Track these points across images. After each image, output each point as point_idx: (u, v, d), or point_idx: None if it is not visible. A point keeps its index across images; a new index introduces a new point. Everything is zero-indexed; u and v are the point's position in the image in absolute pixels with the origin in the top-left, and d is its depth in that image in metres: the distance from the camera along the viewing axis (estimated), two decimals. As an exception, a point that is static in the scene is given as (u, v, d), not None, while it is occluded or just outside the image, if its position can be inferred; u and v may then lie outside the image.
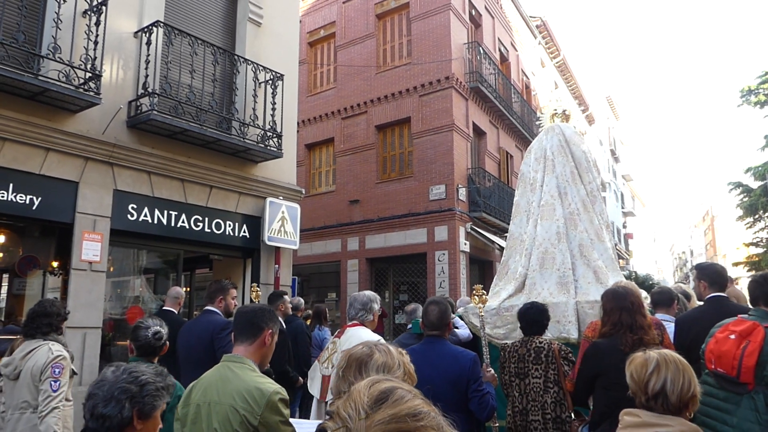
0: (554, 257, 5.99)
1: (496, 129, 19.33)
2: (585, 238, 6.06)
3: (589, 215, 6.22)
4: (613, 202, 38.10)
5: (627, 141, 55.59)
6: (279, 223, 9.38)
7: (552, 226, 6.14)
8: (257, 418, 2.44)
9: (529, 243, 6.27)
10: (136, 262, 9.98)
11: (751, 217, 31.68)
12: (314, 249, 17.57)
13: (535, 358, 4.35)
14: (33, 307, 4.11)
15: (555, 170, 6.41)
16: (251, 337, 2.73)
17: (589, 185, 6.39)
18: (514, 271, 6.39)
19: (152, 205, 7.92)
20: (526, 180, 6.75)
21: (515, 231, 6.73)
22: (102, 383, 1.98)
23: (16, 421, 3.81)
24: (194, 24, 8.90)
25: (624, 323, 3.57)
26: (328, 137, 18.36)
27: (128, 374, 1.99)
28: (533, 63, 25.07)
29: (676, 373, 2.07)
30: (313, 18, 19.33)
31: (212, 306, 5.03)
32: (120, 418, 1.91)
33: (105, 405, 1.92)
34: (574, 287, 5.79)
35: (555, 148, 6.51)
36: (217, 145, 8.46)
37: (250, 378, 2.56)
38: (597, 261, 5.93)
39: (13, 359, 3.92)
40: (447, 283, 15.22)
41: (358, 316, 4.15)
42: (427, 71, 16.40)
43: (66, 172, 7.03)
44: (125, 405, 1.92)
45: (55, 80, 6.50)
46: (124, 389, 1.94)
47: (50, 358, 3.83)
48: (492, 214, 17.03)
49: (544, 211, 6.27)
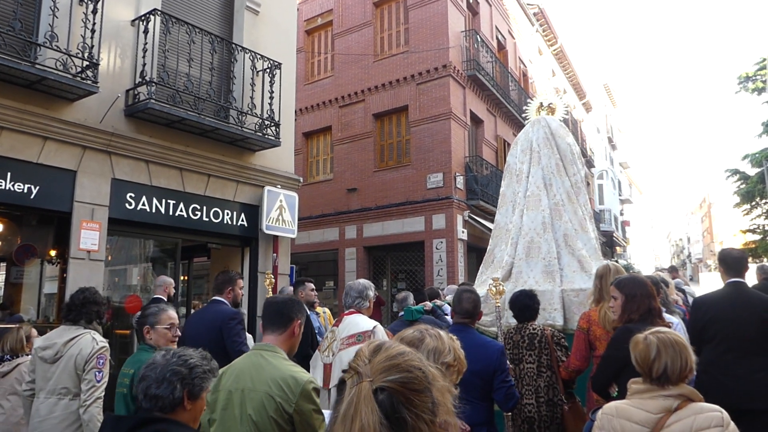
0: (540, 246, 6.15)
1: (494, 117, 19.31)
2: (569, 228, 6.23)
3: (573, 206, 6.38)
4: (610, 189, 38.14)
5: (624, 128, 55.59)
6: (277, 211, 9.39)
7: (538, 216, 6.30)
8: (292, 405, 2.48)
9: (515, 232, 6.42)
10: (134, 251, 10.01)
11: (747, 203, 31.76)
12: (312, 237, 17.59)
13: (529, 344, 4.44)
14: (77, 294, 4.10)
15: (541, 162, 6.55)
16: (281, 327, 2.78)
17: (573, 177, 6.55)
18: (500, 260, 6.52)
19: (150, 194, 7.92)
20: (512, 171, 6.90)
21: (501, 220, 6.88)
22: (154, 366, 2.07)
23: (52, 405, 3.84)
24: (192, 12, 8.86)
25: (654, 309, 3.52)
26: (326, 125, 18.34)
27: (178, 357, 2.09)
28: (531, 51, 25.00)
29: (674, 356, 2.36)
30: (310, 6, 19.24)
31: (220, 296, 5.07)
32: (172, 398, 2.01)
33: (158, 386, 2.01)
34: (559, 276, 5.95)
35: (541, 141, 6.66)
36: (215, 133, 8.46)
37: (284, 366, 2.60)
38: (581, 250, 6.08)
39: (53, 343, 3.92)
40: (445, 271, 15.27)
41: (355, 303, 4.19)
42: (424, 59, 16.36)
43: (64, 161, 7.03)
44: (177, 386, 2.02)
45: (53, 69, 6.48)
46: (175, 371, 2.04)
47: (95, 349, 3.88)
48: (489, 202, 17.04)
49: (530, 202, 6.42)
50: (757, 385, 3.86)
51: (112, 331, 9.00)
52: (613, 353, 3.52)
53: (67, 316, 4.09)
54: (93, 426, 3.73)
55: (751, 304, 4.12)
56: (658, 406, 2.35)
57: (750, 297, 4.20)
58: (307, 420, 2.49)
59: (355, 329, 3.95)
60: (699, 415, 2.30)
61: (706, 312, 4.17)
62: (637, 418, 2.37)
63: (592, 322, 4.19)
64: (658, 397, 2.37)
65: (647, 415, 2.35)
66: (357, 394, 1.21)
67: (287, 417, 2.48)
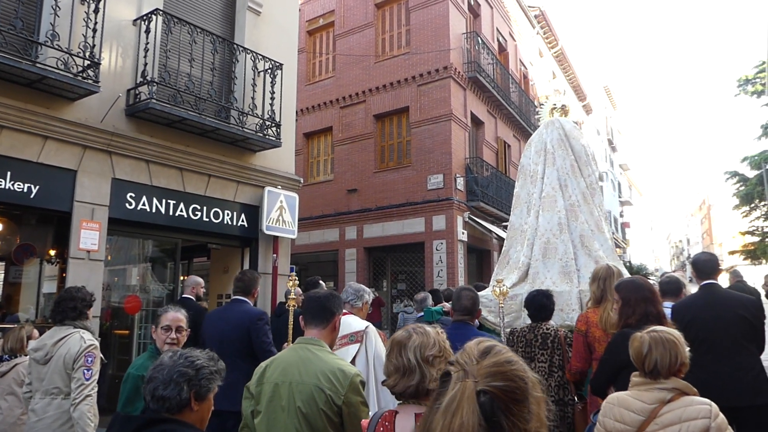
0: (556, 247, 6.17)
1: (494, 119, 19.31)
2: (586, 229, 6.25)
3: (589, 207, 6.41)
4: (610, 191, 38.16)
5: (624, 131, 55.62)
6: (277, 212, 9.37)
7: (554, 217, 6.31)
8: (341, 398, 2.53)
9: (531, 233, 6.43)
10: (134, 251, 9.98)
11: (747, 206, 31.82)
12: (312, 238, 17.58)
13: (542, 343, 4.50)
14: (59, 293, 4.18)
15: (555, 163, 6.57)
16: (324, 321, 2.85)
17: (588, 178, 6.58)
18: (516, 261, 6.55)
19: (150, 194, 7.90)
20: (527, 172, 6.90)
21: (516, 221, 6.89)
22: (161, 367, 2.09)
23: (46, 405, 3.88)
24: (193, 12, 8.85)
25: (651, 314, 3.55)
26: (327, 126, 18.33)
27: (185, 359, 2.11)
28: (531, 53, 25.01)
29: (663, 353, 2.61)
30: (312, 6, 19.24)
31: (245, 296, 5.10)
32: (179, 399, 2.03)
33: (165, 387, 2.03)
34: (576, 276, 5.98)
35: (555, 142, 6.67)
36: (215, 134, 8.44)
37: (331, 359, 2.66)
38: (598, 251, 6.11)
39: (44, 344, 3.97)
40: (445, 273, 15.26)
41: (349, 300, 4.25)
42: (425, 61, 16.35)
43: (64, 161, 7.01)
44: (183, 387, 2.04)
45: (54, 68, 6.46)
46: (182, 373, 2.06)
47: (83, 347, 3.91)
48: (490, 204, 17.05)
49: (546, 203, 6.43)
50: (739, 383, 3.97)
51: (111, 331, 8.98)
52: (610, 357, 3.63)
53: (53, 318, 4.17)
54: (83, 423, 3.76)
55: (726, 303, 4.28)
56: (653, 398, 2.59)
57: (724, 297, 4.38)
58: (355, 412, 2.54)
59: (347, 329, 3.98)
60: (689, 407, 2.52)
61: (685, 315, 4.24)
62: (634, 407, 2.62)
63: (590, 324, 4.22)
64: (653, 390, 2.61)
65: (643, 405, 2.60)
66: (461, 392, 1.29)
67: (336, 409, 2.53)
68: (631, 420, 2.60)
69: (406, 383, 2.18)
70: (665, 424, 2.53)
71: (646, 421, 2.57)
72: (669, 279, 5.56)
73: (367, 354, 3.92)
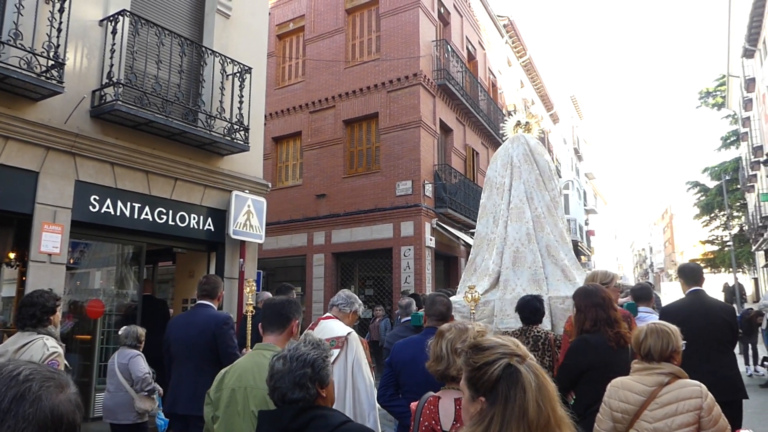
0: (525, 256, 6.46)
1: (463, 126, 19.49)
2: (551, 240, 6.59)
3: (554, 218, 6.75)
4: (575, 199, 38.74)
5: (590, 140, 56.53)
6: (244, 216, 9.31)
7: (522, 228, 6.61)
8: None
9: (500, 242, 6.70)
10: (98, 255, 9.81)
11: (707, 215, 32.63)
12: (280, 243, 17.50)
13: (533, 346, 4.66)
14: (22, 298, 4.09)
15: (522, 177, 6.89)
16: (280, 327, 2.98)
17: (552, 192, 6.93)
18: (485, 269, 6.78)
19: (115, 197, 7.78)
20: (493, 184, 7.20)
21: (482, 231, 7.18)
22: (280, 376, 2.17)
23: None
24: (161, 14, 8.76)
25: (601, 319, 3.79)
26: (296, 131, 18.29)
27: (297, 360, 2.18)
28: (500, 62, 25.32)
29: (656, 340, 3.10)
30: (282, 11, 19.20)
31: (211, 301, 5.10)
32: (308, 396, 2.16)
33: (293, 392, 2.15)
34: (545, 284, 6.29)
35: (521, 157, 6.99)
36: (182, 137, 8.36)
37: None
38: (564, 260, 6.46)
39: (6, 350, 3.87)
40: (412, 278, 15.32)
41: (338, 303, 4.36)
42: (395, 67, 16.44)
43: (26, 162, 6.86)
44: (309, 386, 2.16)
45: (16, 67, 6.33)
46: (303, 375, 2.16)
47: (46, 354, 3.79)
48: (458, 211, 17.19)
49: (514, 214, 6.74)
50: (724, 381, 4.34)
51: (73, 336, 8.81)
52: (569, 362, 3.86)
53: (16, 323, 4.10)
54: None
55: (712, 309, 4.71)
56: (653, 381, 3.06)
57: (710, 303, 4.81)
58: None
59: (329, 334, 4.02)
60: (683, 388, 3.02)
61: (674, 319, 4.44)
62: (636, 389, 3.08)
63: None
64: (653, 374, 3.07)
65: (644, 387, 3.06)
66: (536, 368, 1.65)
67: None
68: (635, 400, 3.06)
69: (435, 367, 2.71)
70: (664, 403, 2.99)
71: (647, 401, 3.02)
72: (641, 286, 6.16)
73: (346, 360, 3.96)
